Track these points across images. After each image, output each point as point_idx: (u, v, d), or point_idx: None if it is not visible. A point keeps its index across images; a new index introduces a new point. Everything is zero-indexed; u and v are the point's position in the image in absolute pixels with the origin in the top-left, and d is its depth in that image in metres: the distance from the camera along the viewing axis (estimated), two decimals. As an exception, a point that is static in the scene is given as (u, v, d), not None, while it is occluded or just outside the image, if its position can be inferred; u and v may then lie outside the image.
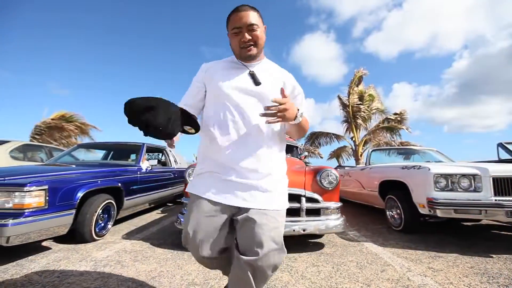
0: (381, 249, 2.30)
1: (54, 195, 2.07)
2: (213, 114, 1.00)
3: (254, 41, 0.97)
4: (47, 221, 2.00)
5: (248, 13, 0.96)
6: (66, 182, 2.23)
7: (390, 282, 1.63)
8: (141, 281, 1.63)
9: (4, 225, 1.73)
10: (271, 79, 1.01)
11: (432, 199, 2.34)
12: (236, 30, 0.96)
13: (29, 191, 1.88)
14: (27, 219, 1.86)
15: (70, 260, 1.98)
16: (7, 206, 1.85)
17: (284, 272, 1.78)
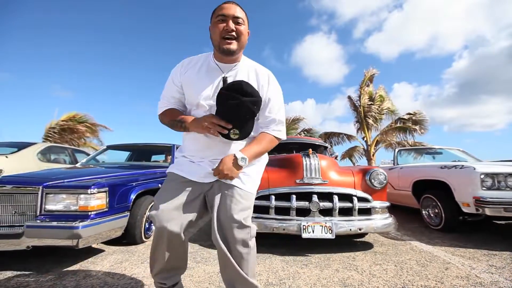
0: (431, 248, 2.33)
1: (113, 197, 2.07)
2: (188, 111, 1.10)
3: (237, 35, 0.96)
4: (108, 223, 2.00)
5: (237, 7, 0.98)
6: (121, 185, 2.23)
7: (461, 280, 1.66)
8: (216, 283, 1.63)
9: (75, 228, 1.72)
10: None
11: (480, 198, 2.38)
12: (221, 17, 0.95)
13: (93, 193, 1.88)
14: (93, 221, 1.85)
15: (131, 262, 1.98)
16: (73, 208, 1.85)
17: (351, 271, 1.80)
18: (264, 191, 2.34)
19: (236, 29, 0.95)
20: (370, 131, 10.54)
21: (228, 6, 0.96)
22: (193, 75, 1.03)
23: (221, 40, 0.95)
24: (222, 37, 0.95)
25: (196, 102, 1.02)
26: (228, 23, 0.94)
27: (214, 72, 1.03)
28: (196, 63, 1.06)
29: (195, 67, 1.05)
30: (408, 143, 9.90)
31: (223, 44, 0.95)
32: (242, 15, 0.97)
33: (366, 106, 10.14)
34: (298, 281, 1.64)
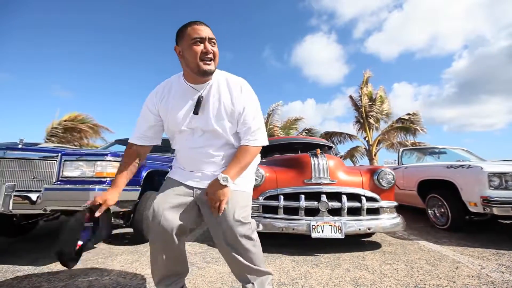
0: (439, 247, 2.34)
1: None
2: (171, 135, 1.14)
3: (213, 56, 0.99)
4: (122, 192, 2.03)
5: (208, 28, 0.99)
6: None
7: (473, 279, 1.66)
8: (229, 283, 1.63)
9: (91, 189, 1.81)
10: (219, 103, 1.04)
11: (487, 197, 2.39)
12: (197, 40, 0.95)
13: (109, 161, 1.98)
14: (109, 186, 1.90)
15: (141, 262, 1.98)
16: (89, 174, 1.94)
17: (362, 270, 1.81)
18: (273, 191, 2.35)
19: (213, 51, 0.98)
20: (372, 131, 10.58)
21: (202, 28, 0.97)
22: (169, 102, 1.06)
23: (200, 63, 0.96)
24: (201, 59, 0.96)
25: (178, 129, 1.07)
26: (205, 45, 0.96)
27: (188, 94, 1.05)
28: (170, 89, 1.08)
29: (170, 93, 1.07)
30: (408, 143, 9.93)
31: (203, 66, 0.96)
32: (214, 37, 1.00)
33: (367, 106, 10.17)
34: (310, 280, 1.64)
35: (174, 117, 1.04)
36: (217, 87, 1.05)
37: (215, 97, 1.04)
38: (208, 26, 0.99)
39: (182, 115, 1.04)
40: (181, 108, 1.04)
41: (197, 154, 1.07)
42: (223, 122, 1.04)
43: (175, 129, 1.08)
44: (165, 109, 1.06)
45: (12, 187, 1.83)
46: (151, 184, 2.61)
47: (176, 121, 1.04)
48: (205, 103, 1.03)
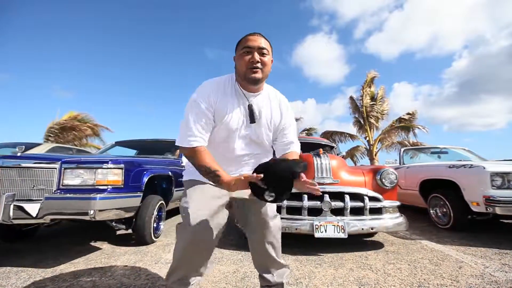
0: (442, 247, 2.34)
1: (128, 175, 2.14)
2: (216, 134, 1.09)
3: (262, 65, 1.01)
4: (124, 200, 2.08)
5: (261, 38, 1.03)
6: (136, 165, 2.32)
7: (476, 278, 1.67)
8: (233, 282, 1.63)
9: (93, 199, 1.79)
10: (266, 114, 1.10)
11: (490, 197, 2.39)
12: (247, 49, 1.00)
13: (109, 168, 1.96)
14: (110, 195, 1.93)
15: (145, 262, 1.98)
16: (90, 182, 1.91)
17: (366, 270, 1.81)
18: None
19: (261, 60, 1.01)
20: (373, 130, 10.59)
21: (254, 38, 1.01)
22: (224, 102, 1.05)
23: (247, 70, 1.00)
24: (248, 67, 1.00)
25: (227, 128, 1.06)
26: (253, 54, 1.00)
27: (240, 98, 1.08)
28: (224, 89, 1.07)
29: (225, 93, 1.06)
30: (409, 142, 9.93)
31: (249, 74, 1.00)
32: (266, 46, 1.03)
33: (368, 106, 10.19)
34: (314, 280, 1.64)
35: (226, 116, 1.04)
36: (267, 99, 1.12)
37: (267, 109, 1.10)
38: (264, 37, 1.04)
39: (236, 120, 1.06)
40: (236, 113, 1.06)
41: (235, 158, 1.12)
42: (270, 134, 1.13)
43: (223, 127, 1.05)
44: (221, 110, 1.03)
45: (12, 197, 1.80)
46: (152, 188, 2.60)
47: (230, 126, 1.05)
48: (257, 113, 1.07)
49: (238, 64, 1.04)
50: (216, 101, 1.04)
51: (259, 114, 1.08)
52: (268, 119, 1.10)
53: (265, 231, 1.11)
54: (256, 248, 1.17)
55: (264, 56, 1.02)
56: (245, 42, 1.02)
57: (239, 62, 1.02)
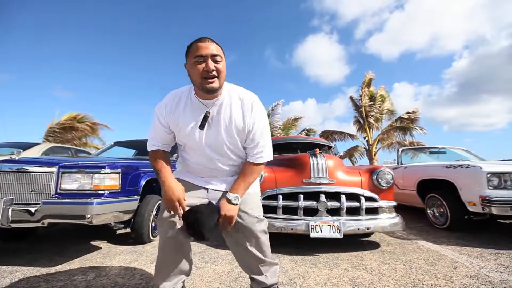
0: (438, 247, 2.34)
1: (125, 179, 2.15)
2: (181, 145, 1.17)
3: (217, 73, 0.97)
4: (121, 204, 2.08)
5: (213, 44, 0.98)
6: (133, 169, 2.33)
7: (471, 279, 1.66)
8: (226, 281, 1.63)
9: (90, 203, 1.80)
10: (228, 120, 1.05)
11: (486, 197, 2.39)
12: (199, 58, 0.95)
13: (106, 173, 1.97)
14: (107, 199, 1.94)
15: (140, 262, 1.98)
16: (87, 187, 1.92)
17: (361, 270, 1.81)
18: (272, 191, 2.35)
19: (216, 68, 0.96)
20: (372, 130, 10.57)
21: (205, 45, 0.96)
22: (178, 115, 1.06)
23: (202, 80, 0.97)
24: (203, 77, 0.96)
25: (184, 142, 1.11)
26: (207, 63, 0.95)
27: (198, 109, 1.05)
28: (179, 102, 1.08)
29: (179, 106, 1.07)
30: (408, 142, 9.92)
31: (205, 84, 0.97)
32: (219, 52, 0.98)
33: (367, 106, 10.18)
34: (308, 280, 1.64)
35: (184, 131, 1.06)
36: (228, 103, 1.06)
37: (226, 113, 1.05)
38: (215, 42, 0.99)
39: (191, 129, 1.05)
40: (191, 122, 1.05)
41: (206, 167, 1.13)
42: (234, 138, 1.07)
43: (182, 140, 1.11)
44: (175, 123, 1.07)
45: (10, 201, 1.82)
46: (150, 188, 2.61)
47: (186, 135, 1.06)
48: (214, 119, 1.05)
49: (192, 74, 0.99)
50: (170, 113, 1.07)
51: (215, 120, 1.04)
52: (227, 123, 1.04)
53: (248, 236, 1.09)
54: (240, 254, 1.15)
55: (218, 63, 0.97)
56: (196, 50, 0.96)
57: (193, 71, 0.98)
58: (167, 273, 1.09)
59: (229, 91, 1.08)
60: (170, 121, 1.08)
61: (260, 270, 1.14)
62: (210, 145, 1.07)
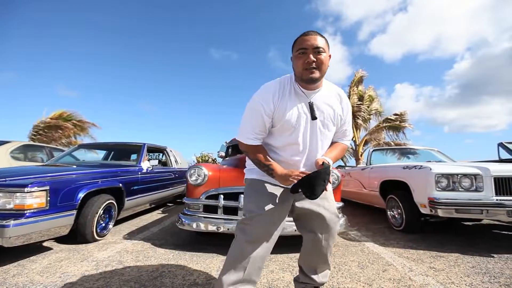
0: (382, 249, 2.30)
1: (55, 195, 2.07)
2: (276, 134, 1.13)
3: (318, 64, 1.01)
4: (48, 222, 2.00)
5: (316, 37, 1.02)
6: (67, 183, 2.23)
7: (392, 282, 1.63)
8: (143, 281, 1.63)
9: (6, 226, 1.73)
10: (327, 110, 1.11)
11: (434, 199, 2.34)
12: (302, 50, 1.01)
13: (30, 192, 1.88)
14: (28, 219, 1.85)
15: (71, 260, 1.98)
16: (8, 207, 1.85)
17: (286, 272, 1.78)
18: (214, 191, 2.33)
19: (317, 59, 1.00)
20: (359, 131, 10.45)
21: (308, 38, 1.01)
22: (285, 102, 1.08)
23: (303, 71, 1.02)
24: (304, 68, 1.01)
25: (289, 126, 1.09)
26: (308, 55, 1.00)
27: (300, 97, 1.09)
28: (285, 90, 1.10)
29: (285, 94, 1.09)
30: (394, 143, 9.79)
31: (306, 75, 1.02)
32: (322, 44, 1.01)
33: (355, 106, 10.05)
34: (225, 281, 1.62)
35: (289, 119, 1.07)
36: (327, 95, 1.13)
37: (328, 104, 1.11)
38: (319, 34, 1.03)
39: (297, 117, 1.07)
40: (297, 111, 1.07)
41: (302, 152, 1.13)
42: (332, 127, 1.14)
43: (284, 125, 1.08)
44: (283, 112, 1.07)
45: None
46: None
47: (291, 123, 1.07)
48: (317, 109, 1.09)
49: (295, 65, 1.05)
50: (277, 102, 1.07)
51: (321, 110, 1.10)
52: (331, 114, 1.12)
53: (329, 233, 1.14)
54: (313, 250, 1.18)
55: (320, 55, 1.01)
56: (300, 42, 1.02)
57: (296, 63, 1.04)
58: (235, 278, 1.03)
59: (327, 86, 1.16)
60: (278, 109, 1.07)
61: (318, 269, 1.21)
62: (313, 135, 1.11)
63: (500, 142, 3.99)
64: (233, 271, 1.03)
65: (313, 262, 1.21)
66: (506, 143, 3.93)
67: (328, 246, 1.16)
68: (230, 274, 1.03)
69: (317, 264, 1.21)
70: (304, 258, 1.24)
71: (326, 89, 1.13)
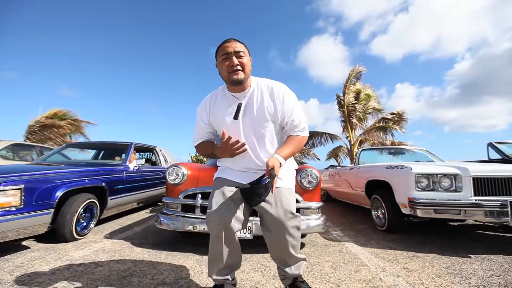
0: (360, 249, 2.28)
1: (30, 194, 2.07)
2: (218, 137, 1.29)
3: (241, 67, 1.12)
4: (23, 220, 2.00)
5: (236, 43, 1.14)
6: (44, 182, 2.22)
7: (361, 283, 1.62)
8: (111, 280, 1.62)
9: None
10: (256, 107, 1.19)
11: (413, 199, 2.32)
12: (225, 56, 1.12)
13: (3, 191, 1.89)
14: (2, 218, 1.86)
15: (45, 259, 1.98)
16: None
17: (257, 272, 1.77)
18: (192, 190, 2.32)
19: (240, 62, 1.12)
20: (354, 130, 10.39)
21: (229, 45, 1.12)
22: (215, 110, 1.24)
23: (229, 74, 1.13)
24: (229, 71, 1.12)
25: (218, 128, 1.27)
26: (231, 59, 1.11)
27: (231, 102, 1.21)
28: (215, 99, 1.26)
29: (215, 102, 1.25)
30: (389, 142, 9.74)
31: (232, 76, 1.12)
32: (242, 48, 1.13)
33: (350, 105, 10.00)
34: (193, 280, 1.62)
35: (221, 123, 1.22)
36: (259, 93, 1.21)
37: (258, 102, 1.19)
38: (238, 41, 1.15)
39: (226, 120, 1.20)
40: (226, 114, 1.20)
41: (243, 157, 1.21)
42: (267, 123, 1.20)
43: (220, 128, 1.20)
44: (214, 117, 1.24)
45: None
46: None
47: (223, 126, 1.18)
48: (247, 108, 1.19)
49: (221, 70, 1.16)
50: (209, 110, 1.26)
51: (248, 110, 1.18)
52: (262, 111, 1.17)
53: (282, 230, 1.16)
54: (272, 245, 1.23)
55: (242, 58, 1.12)
56: (222, 50, 1.13)
57: (221, 68, 1.14)
58: (219, 266, 1.20)
59: (258, 83, 1.23)
60: (211, 118, 1.26)
61: (287, 262, 1.24)
62: (247, 133, 1.20)
63: (489, 142, 3.97)
64: (213, 263, 1.21)
65: (279, 257, 1.25)
66: (495, 143, 3.90)
67: (286, 242, 1.17)
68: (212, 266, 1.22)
69: (284, 258, 1.24)
70: (271, 254, 1.28)
71: (256, 87, 1.21)
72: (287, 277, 1.29)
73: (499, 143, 3.89)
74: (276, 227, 1.16)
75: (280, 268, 1.29)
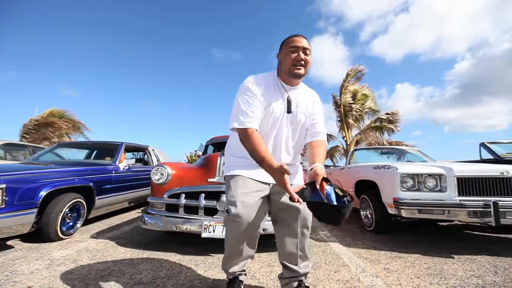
0: (344, 250, 2.27)
1: (12, 194, 2.07)
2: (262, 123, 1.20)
3: (305, 63, 1.15)
4: (4, 220, 2.00)
5: (305, 40, 1.17)
6: (27, 182, 2.22)
7: (339, 283, 1.61)
8: (88, 280, 1.62)
9: None
10: (302, 106, 1.25)
11: (398, 199, 2.31)
12: (293, 48, 1.14)
13: None
14: None
15: (26, 259, 1.98)
16: None
17: (237, 272, 1.76)
18: (176, 190, 2.32)
19: (305, 59, 1.14)
20: (350, 130, 10.37)
21: (299, 39, 1.15)
22: (269, 92, 1.19)
23: (292, 67, 1.14)
24: (293, 64, 1.14)
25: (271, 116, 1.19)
26: (299, 53, 1.13)
27: (281, 90, 1.22)
28: (269, 82, 1.22)
29: (269, 85, 1.21)
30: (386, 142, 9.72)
31: (294, 69, 1.14)
32: (309, 47, 1.16)
33: (346, 105, 9.97)
34: (170, 280, 1.61)
35: (272, 110, 1.18)
36: (304, 94, 1.28)
37: (303, 102, 1.25)
38: (306, 39, 1.17)
39: (279, 109, 1.19)
40: (278, 103, 1.19)
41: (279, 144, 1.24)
42: (303, 124, 1.27)
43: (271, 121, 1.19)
44: (267, 98, 1.18)
45: None
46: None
47: (274, 114, 1.18)
48: (296, 103, 1.22)
49: (284, 61, 1.16)
50: (264, 90, 1.18)
51: (296, 105, 1.22)
52: (304, 110, 1.25)
53: (304, 223, 1.21)
54: (289, 241, 1.24)
55: (307, 56, 1.15)
56: (291, 42, 1.15)
57: (285, 59, 1.15)
58: (238, 260, 1.24)
59: (304, 87, 1.32)
60: (265, 97, 1.17)
61: (297, 260, 1.26)
62: (283, 127, 1.22)
63: (481, 143, 3.95)
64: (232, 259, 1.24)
65: (291, 252, 1.26)
66: (487, 143, 3.89)
67: (304, 237, 1.24)
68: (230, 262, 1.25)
69: (297, 256, 1.25)
70: (283, 253, 1.28)
71: (304, 91, 1.29)
72: (293, 279, 1.27)
73: (491, 143, 3.88)
74: (300, 220, 1.20)
75: (287, 269, 1.28)
